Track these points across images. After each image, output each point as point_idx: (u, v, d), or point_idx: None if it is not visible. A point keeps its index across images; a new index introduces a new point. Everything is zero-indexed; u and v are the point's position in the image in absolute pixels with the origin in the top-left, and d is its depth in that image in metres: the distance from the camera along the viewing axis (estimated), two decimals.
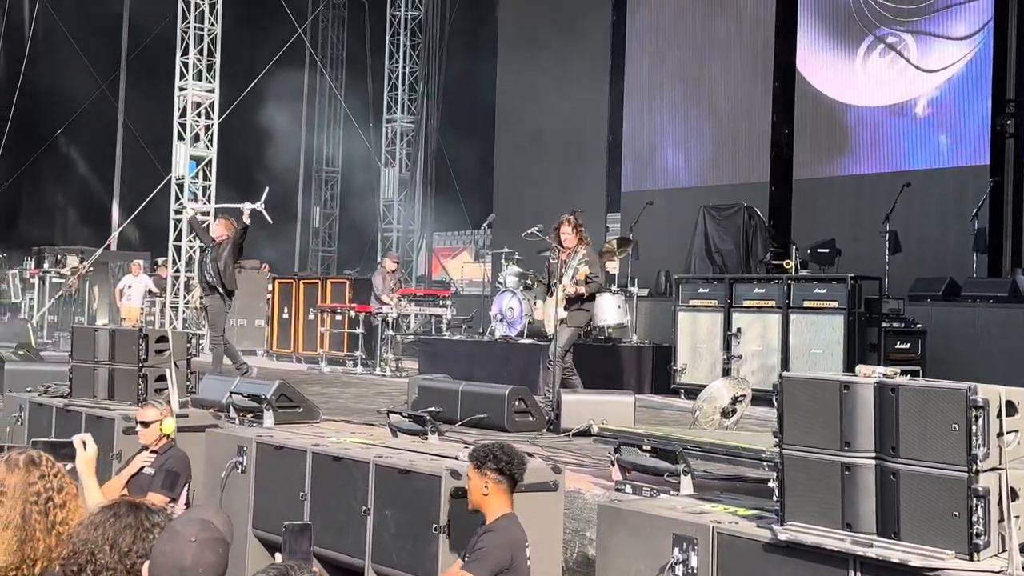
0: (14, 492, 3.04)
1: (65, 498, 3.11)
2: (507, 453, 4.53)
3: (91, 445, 4.04)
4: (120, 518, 2.96)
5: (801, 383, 3.67)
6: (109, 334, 7.50)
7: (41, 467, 3.12)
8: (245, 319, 18.30)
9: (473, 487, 4.53)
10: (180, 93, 19.90)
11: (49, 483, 3.09)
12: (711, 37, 16.55)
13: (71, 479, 3.23)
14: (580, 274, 9.16)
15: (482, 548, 4.33)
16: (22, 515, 3.01)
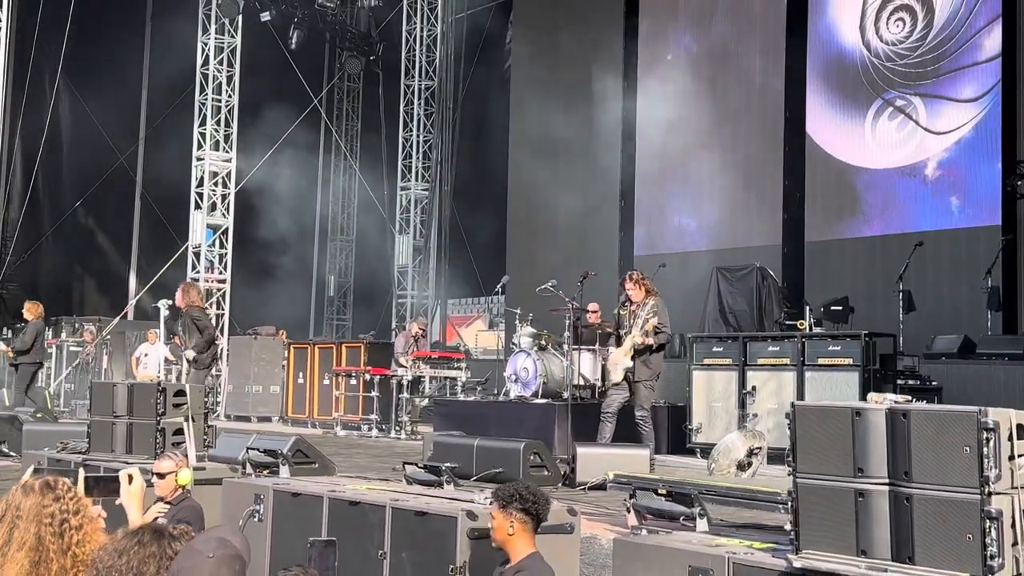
0: (28, 515, 3.09)
1: (82, 520, 3.15)
2: (532, 493, 4.56)
3: (137, 479, 4.08)
4: (144, 546, 3.00)
5: (813, 411, 3.71)
6: (128, 388, 7.58)
7: (56, 490, 3.17)
8: (260, 385, 18.37)
9: (498, 527, 4.54)
10: (197, 163, 20.24)
11: (65, 506, 3.14)
12: (722, 102, 16.79)
13: (89, 503, 3.28)
14: (649, 325, 9.36)
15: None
16: (37, 536, 3.06)
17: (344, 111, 27.11)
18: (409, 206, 23.73)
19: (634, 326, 9.63)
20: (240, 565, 2.82)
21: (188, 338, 11.69)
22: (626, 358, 9.72)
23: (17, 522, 3.08)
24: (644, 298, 9.73)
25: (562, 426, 11.47)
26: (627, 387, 9.94)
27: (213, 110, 20.38)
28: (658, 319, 9.58)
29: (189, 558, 2.81)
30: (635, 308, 9.77)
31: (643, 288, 9.79)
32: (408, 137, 23.65)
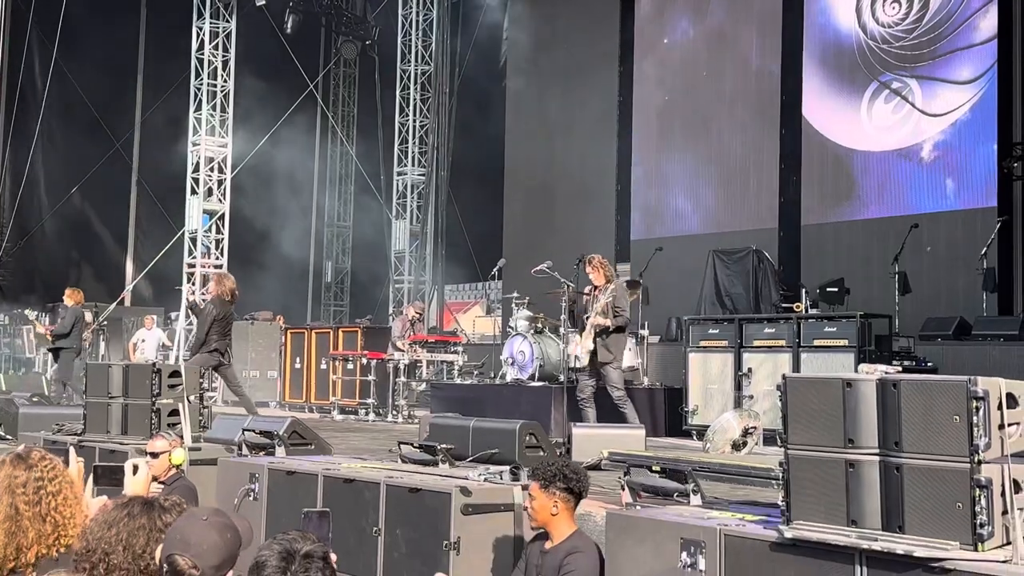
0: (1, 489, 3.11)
1: (60, 485, 3.17)
2: (574, 471, 4.58)
3: (142, 469, 4.11)
4: (134, 518, 3.02)
5: (805, 383, 3.72)
6: (123, 370, 7.59)
7: (28, 460, 3.20)
8: (257, 370, 18.37)
9: (540, 506, 4.53)
10: (193, 148, 20.21)
11: (39, 473, 3.17)
12: (718, 86, 16.77)
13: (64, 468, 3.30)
14: (600, 305, 9.39)
15: (575, 571, 4.37)
16: (11, 506, 3.09)
17: (340, 96, 27.06)
18: (406, 191, 23.71)
19: (593, 310, 9.72)
20: (232, 534, 2.84)
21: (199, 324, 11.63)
22: (588, 341, 9.82)
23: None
24: (604, 283, 9.83)
25: (558, 408, 11.50)
26: (596, 371, 9.97)
27: (208, 95, 20.34)
28: (616, 302, 9.64)
29: (183, 519, 2.86)
30: (596, 292, 9.87)
31: (603, 273, 9.88)
32: (404, 122, 23.60)
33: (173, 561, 2.72)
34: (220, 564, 2.75)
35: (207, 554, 2.72)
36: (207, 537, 2.74)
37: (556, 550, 4.50)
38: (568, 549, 4.47)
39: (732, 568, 3.75)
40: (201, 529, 2.76)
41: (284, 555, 2.46)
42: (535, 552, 4.61)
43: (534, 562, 4.58)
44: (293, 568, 2.44)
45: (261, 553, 2.49)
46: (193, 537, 2.73)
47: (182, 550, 2.72)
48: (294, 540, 2.52)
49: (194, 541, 2.72)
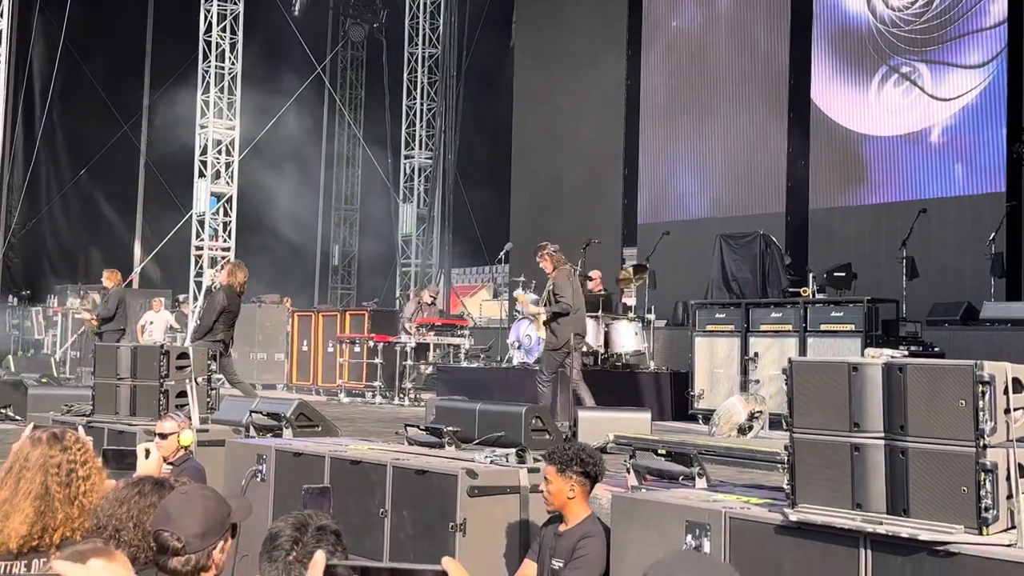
0: (35, 465, 3.14)
1: (89, 471, 3.20)
2: (590, 455, 4.59)
3: (154, 453, 4.13)
4: (145, 496, 3.06)
5: (810, 367, 3.72)
6: (131, 351, 7.61)
7: (63, 441, 3.21)
8: (264, 353, 18.43)
9: (556, 490, 4.54)
10: (201, 131, 20.22)
11: (72, 456, 3.18)
12: (726, 70, 16.72)
13: (95, 455, 3.32)
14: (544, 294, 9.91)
15: (587, 555, 4.39)
16: (44, 486, 3.10)
17: (348, 79, 27.02)
18: (413, 175, 23.71)
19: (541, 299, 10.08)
20: (215, 504, 2.88)
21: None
22: (540, 329, 10.20)
23: (24, 472, 3.13)
24: (551, 272, 10.07)
25: (564, 392, 11.51)
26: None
27: (216, 78, 20.34)
28: (556, 290, 9.87)
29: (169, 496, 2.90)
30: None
31: (551, 262, 10.13)
32: (412, 105, 23.58)
33: (158, 536, 2.78)
34: (204, 533, 2.79)
35: (189, 525, 2.77)
36: (187, 508, 2.79)
37: (570, 533, 4.53)
38: (582, 533, 4.50)
39: (737, 551, 3.77)
40: (180, 502, 2.81)
41: (297, 527, 2.49)
42: (549, 534, 4.64)
43: (548, 544, 4.61)
44: (305, 539, 2.47)
45: (275, 525, 2.53)
46: (173, 510, 2.78)
47: (164, 524, 2.78)
48: (308, 515, 2.56)
49: (175, 514, 2.77)
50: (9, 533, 3.03)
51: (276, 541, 2.48)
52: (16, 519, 3.04)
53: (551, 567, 4.53)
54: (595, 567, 4.39)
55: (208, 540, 2.77)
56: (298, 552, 2.47)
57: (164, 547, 2.74)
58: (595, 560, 4.40)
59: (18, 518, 3.04)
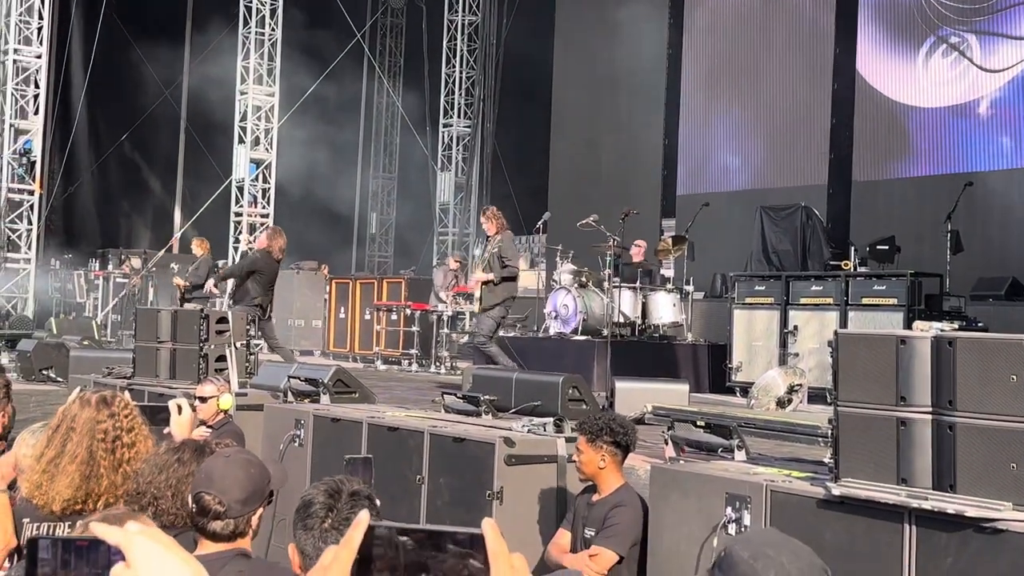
0: (82, 428, 3.14)
1: (135, 438, 3.20)
2: (621, 424, 4.58)
3: (186, 410, 4.13)
4: (184, 464, 3.05)
5: (857, 339, 3.66)
6: (171, 315, 7.67)
7: (112, 407, 3.21)
8: (302, 319, 18.53)
9: (587, 460, 4.54)
10: (241, 97, 20.26)
11: (119, 423, 3.18)
12: (769, 39, 16.47)
13: (142, 422, 3.32)
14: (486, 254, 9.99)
15: (618, 524, 4.39)
16: (88, 451, 3.11)
17: (387, 46, 26.93)
18: (451, 143, 23.65)
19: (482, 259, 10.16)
20: (256, 470, 2.87)
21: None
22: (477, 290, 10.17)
23: (71, 434, 3.13)
24: (495, 233, 10.07)
25: (601, 362, 11.48)
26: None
27: (256, 44, 20.35)
28: (502, 252, 9.90)
29: (210, 459, 2.90)
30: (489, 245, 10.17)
31: (495, 223, 10.16)
32: (451, 73, 23.48)
33: (199, 498, 2.76)
34: (246, 499, 2.77)
35: (232, 489, 2.75)
36: (230, 473, 2.77)
37: (603, 503, 4.53)
38: (614, 502, 4.50)
39: (778, 524, 3.72)
40: (224, 466, 2.80)
41: (331, 493, 2.47)
42: (583, 504, 4.63)
43: (582, 514, 4.60)
44: (339, 505, 2.45)
45: (308, 492, 2.51)
46: (216, 473, 2.77)
47: (207, 487, 2.76)
48: (340, 481, 2.54)
49: (217, 477, 2.75)
50: (54, 496, 3.05)
51: (310, 509, 2.47)
52: (61, 482, 3.05)
53: (584, 536, 4.53)
54: (628, 536, 4.38)
55: (249, 506, 2.76)
56: (333, 519, 2.45)
57: (205, 510, 2.73)
58: (628, 529, 4.39)
59: (63, 481, 3.05)
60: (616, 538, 4.36)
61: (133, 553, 1.29)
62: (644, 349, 12.13)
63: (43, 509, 3.06)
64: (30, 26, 19.41)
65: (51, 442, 3.12)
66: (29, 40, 19.44)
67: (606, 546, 4.35)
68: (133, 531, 1.31)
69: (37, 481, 3.07)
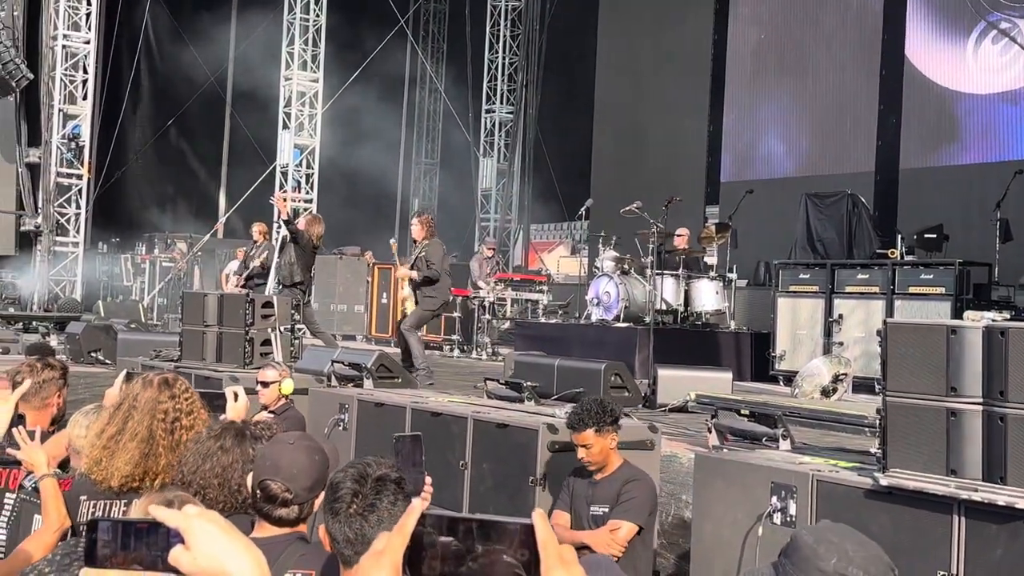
0: (143, 407, 3.18)
1: (193, 421, 3.23)
2: (610, 403, 4.67)
3: (242, 397, 4.15)
4: (227, 452, 3.07)
5: (907, 329, 3.62)
6: (218, 299, 7.75)
7: (173, 388, 3.26)
8: (345, 304, 18.65)
9: (599, 449, 4.58)
10: (285, 83, 20.37)
11: (179, 404, 3.22)
12: (816, 24, 16.28)
13: (201, 406, 3.35)
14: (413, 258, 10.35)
15: (635, 497, 4.50)
16: (149, 429, 3.15)
17: (430, 32, 26.95)
18: (494, 129, 23.64)
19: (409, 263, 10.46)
20: (320, 456, 2.89)
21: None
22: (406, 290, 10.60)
23: (132, 412, 3.18)
24: (424, 238, 10.43)
25: (643, 350, 11.45)
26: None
27: (301, 29, 20.44)
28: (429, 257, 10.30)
29: (271, 445, 2.91)
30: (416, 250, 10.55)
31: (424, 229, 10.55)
32: (494, 59, 23.46)
33: (266, 486, 2.76)
34: (312, 486, 2.79)
35: (299, 477, 2.76)
36: (297, 460, 2.78)
37: (611, 480, 4.60)
38: (625, 477, 4.60)
39: (824, 514, 3.69)
40: (290, 453, 2.80)
41: (357, 478, 2.46)
42: (582, 484, 4.68)
43: (583, 493, 4.64)
44: (365, 490, 2.44)
45: (335, 476, 2.50)
46: (283, 461, 2.77)
47: (273, 474, 2.76)
48: (368, 464, 2.52)
49: (284, 464, 2.76)
50: (112, 472, 3.09)
51: (337, 493, 2.46)
52: (121, 458, 3.10)
53: (592, 513, 4.59)
54: (645, 507, 4.53)
55: (314, 492, 2.78)
56: (358, 505, 2.44)
57: (272, 497, 2.74)
58: (645, 501, 4.53)
59: (123, 457, 3.10)
60: (634, 510, 4.49)
61: (192, 535, 1.31)
62: (686, 337, 12.08)
63: (101, 485, 3.11)
64: (78, 12, 19.64)
65: (112, 419, 3.17)
66: (78, 26, 19.68)
67: (626, 519, 4.46)
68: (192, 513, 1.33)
69: (97, 457, 3.12)
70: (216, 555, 1.30)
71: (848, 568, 2.12)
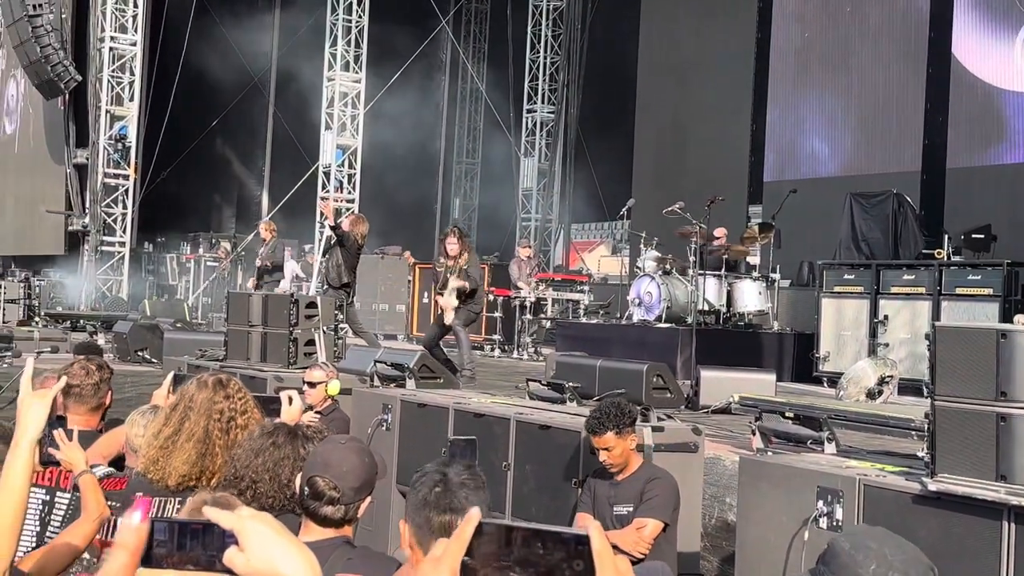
0: (200, 408, 3.23)
1: (248, 420, 3.28)
2: (626, 405, 4.72)
3: (296, 401, 4.19)
4: (279, 447, 3.11)
5: (955, 333, 3.58)
6: (262, 299, 7.81)
7: (227, 388, 3.30)
8: (386, 304, 18.75)
9: (621, 451, 4.61)
10: (328, 84, 20.50)
11: (233, 404, 3.27)
12: (861, 22, 16.12)
13: (254, 405, 3.40)
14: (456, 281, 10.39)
15: (659, 495, 4.57)
16: (205, 430, 3.20)
17: (471, 32, 27.00)
18: (535, 128, 23.64)
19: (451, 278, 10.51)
20: (369, 458, 2.92)
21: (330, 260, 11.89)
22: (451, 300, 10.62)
23: (188, 413, 3.23)
24: (460, 253, 10.56)
25: (685, 351, 11.40)
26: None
27: (344, 30, 20.56)
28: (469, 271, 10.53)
29: (323, 444, 2.94)
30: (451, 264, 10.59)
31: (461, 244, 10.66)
32: (535, 59, 23.46)
33: (314, 483, 2.79)
34: (360, 487, 2.81)
35: (347, 476, 2.79)
36: (347, 459, 2.81)
37: (632, 480, 4.64)
38: (647, 476, 4.66)
39: (871, 519, 3.66)
40: (341, 452, 2.84)
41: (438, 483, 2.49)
42: (603, 485, 4.71)
43: (605, 494, 4.67)
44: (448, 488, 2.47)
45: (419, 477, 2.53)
46: (333, 459, 2.80)
47: (322, 471, 2.79)
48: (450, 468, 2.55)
49: (334, 463, 2.79)
50: (170, 471, 3.14)
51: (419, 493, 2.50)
52: (178, 458, 3.15)
53: (615, 513, 4.63)
54: (669, 504, 4.58)
55: (361, 493, 2.80)
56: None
57: (319, 494, 2.77)
58: (669, 498, 4.59)
59: (180, 457, 3.15)
60: (660, 508, 4.55)
61: (246, 537, 1.32)
62: (729, 337, 12.02)
63: (158, 484, 3.16)
64: (125, 14, 19.89)
65: (169, 420, 3.22)
66: (125, 28, 19.93)
67: (652, 516, 4.51)
68: (245, 515, 1.35)
69: (154, 457, 3.17)
70: (270, 557, 1.32)
71: (888, 574, 2.10)
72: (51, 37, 19.42)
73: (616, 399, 4.85)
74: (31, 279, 18.99)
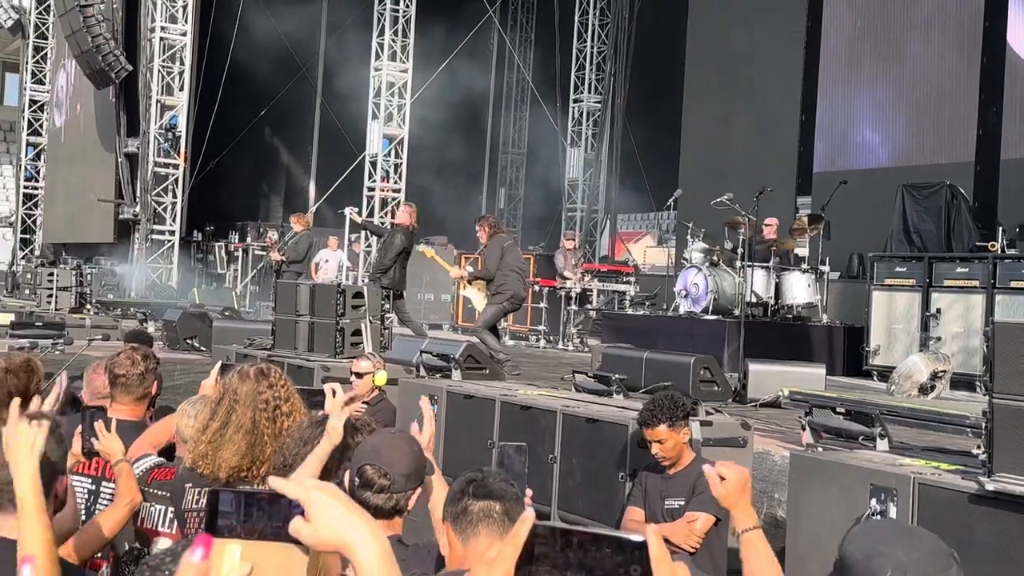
0: (245, 400, 3.24)
1: (292, 408, 3.30)
2: (681, 399, 4.66)
3: (340, 393, 4.21)
4: None
5: (1015, 329, 3.49)
6: (310, 289, 7.85)
7: (270, 378, 3.32)
8: (432, 293, 18.81)
9: (674, 443, 4.57)
10: (375, 73, 20.57)
11: (277, 392, 3.29)
12: (913, 10, 15.85)
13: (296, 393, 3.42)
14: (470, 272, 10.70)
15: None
16: (252, 420, 3.22)
17: (519, 22, 26.94)
18: (581, 118, 23.55)
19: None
20: (417, 447, 2.93)
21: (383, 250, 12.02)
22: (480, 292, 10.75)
23: (235, 406, 3.25)
24: (484, 241, 10.64)
25: (732, 343, 11.30)
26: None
27: (391, 20, 20.60)
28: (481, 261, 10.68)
29: (374, 435, 2.95)
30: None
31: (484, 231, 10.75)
32: (582, 48, 23.35)
33: (363, 471, 2.79)
34: (410, 475, 2.81)
35: (398, 463, 2.79)
36: (396, 447, 2.82)
37: (685, 474, 4.58)
38: (700, 470, 4.56)
39: (926, 518, 3.60)
40: (391, 441, 2.85)
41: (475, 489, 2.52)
42: (655, 479, 4.66)
43: (657, 488, 4.63)
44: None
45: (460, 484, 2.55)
46: (384, 447, 2.81)
47: (372, 459, 2.80)
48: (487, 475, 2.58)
49: (384, 450, 2.80)
50: (220, 464, 3.16)
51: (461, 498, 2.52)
52: (228, 451, 3.17)
53: (666, 507, 4.58)
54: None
55: (411, 483, 2.81)
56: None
57: (369, 482, 2.77)
58: None
59: (230, 449, 3.17)
60: (712, 502, 4.40)
61: (313, 507, 1.31)
62: (777, 330, 11.90)
63: (207, 477, 3.18)
64: (175, 4, 20.08)
65: (215, 415, 3.24)
66: (174, 18, 20.13)
67: (704, 510, 4.44)
68: (311, 485, 1.33)
69: (203, 452, 3.19)
70: (337, 526, 1.31)
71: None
72: (102, 27, 19.65)
73: (670, 392, 4.80)
74: (83, 267, 19.26)
